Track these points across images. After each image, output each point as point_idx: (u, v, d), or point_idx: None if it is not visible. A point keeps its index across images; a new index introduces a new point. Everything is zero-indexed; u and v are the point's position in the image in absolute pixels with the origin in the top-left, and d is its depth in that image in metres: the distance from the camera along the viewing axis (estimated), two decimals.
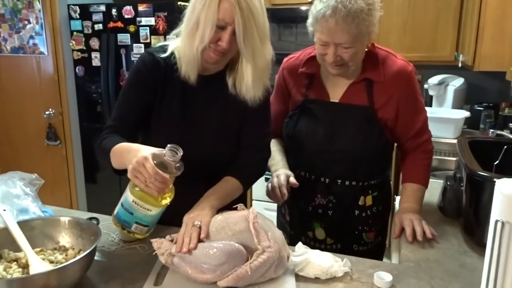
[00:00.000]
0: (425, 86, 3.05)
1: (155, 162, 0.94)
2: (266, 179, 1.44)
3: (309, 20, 1.27)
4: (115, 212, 1.07)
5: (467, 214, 1.20)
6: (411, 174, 1.39)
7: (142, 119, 1.22)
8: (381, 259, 1.49)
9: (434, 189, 1.53)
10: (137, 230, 1.04)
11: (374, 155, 1.36)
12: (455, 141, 2.38)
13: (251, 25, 1.07)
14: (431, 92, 2.96)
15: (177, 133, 1.20)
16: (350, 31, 1.17)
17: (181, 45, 1.14)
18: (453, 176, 1.33)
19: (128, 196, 1.01)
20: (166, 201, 1.01)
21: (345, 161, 1.35)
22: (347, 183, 1.38)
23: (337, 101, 1.36)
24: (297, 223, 1.49)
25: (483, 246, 1.13)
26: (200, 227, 0.99)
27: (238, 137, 1.27)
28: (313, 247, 1.10)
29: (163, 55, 1.18)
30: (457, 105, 2.89)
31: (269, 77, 1.21)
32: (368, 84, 1.33)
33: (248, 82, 1.14)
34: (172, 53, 1.18)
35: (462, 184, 1.23)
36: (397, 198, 1.45)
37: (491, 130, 2.57)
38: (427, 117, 1.42)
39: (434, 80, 2.92)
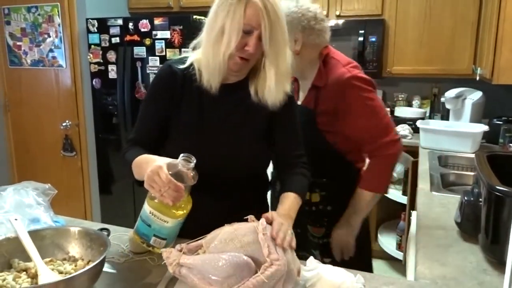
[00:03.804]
0: (442, 99, 3.00)
1: (170, 172, 0.96)
2: None
3: None
4: (136, 226, 1.07)
5: (486, 230, 1.16)
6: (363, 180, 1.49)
7: (162, 130, 1.22)
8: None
9: (451, 204, 1.49)
10: (156, 243, 1.04)
11: (314, 155, 1.36)
12: (472, 155, 2.33)
13: (276, 29, 1.08)
14: (448, 106, 2.92)
15: (195, 144, 1.20)
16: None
17: (204, 54, 1.14)
18: (471, 191, 1.29)
19: (145, 207, 1.02)
20: (182, 212, 1.02)
21: None
22: None
23: (300, 103, 1.54)
24: None
25: (503, 264, 1.09)
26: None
27: (266, 148, 1.27)
28: None
29: (181, 66, 1.20)
30: (475, 119, 2.84)
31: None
32: (316, 89, 1.48)
33: (271, 85, 1.14)
34: (191, 65, 1.19)
35: (480, 200, 1.19)
36: None
37: (511, 145, 2.50)
38: (383, 120, 1.45)
39: (451, 93, 2.87)
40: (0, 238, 1.03)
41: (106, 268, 1.08)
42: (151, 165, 0.98)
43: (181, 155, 0.99)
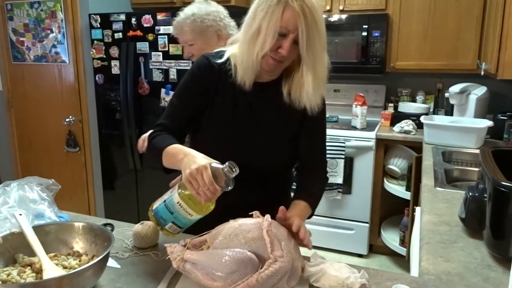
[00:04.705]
0: (446, 94, 2.99)
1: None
2: None
3: None
4: (155, 207, 1.10)
5: (491, 226, 1.15)
6: None
7: (192, 120, 1.24)
8: None
9: (456, 199, 1.49)
10: (171, 229, 1.08)
11: None
12: (477, 151, 2.32)
13: (313, 34, 1.08)
14: (452, 101, 2.90)
15: (227, 137, 1.22)
16: (185, 29, 1.62)
17: (240, 51, 1.16)
18: (475, 187, 1.28)
19: (174, 197, 1.04)
20: (209, 210, 1.04)
21: None
22: None
23: None
24: None
25: (508, 260, 1.08)
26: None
27: (294, 148, 1.28)
28: None
29: (219, 61, 1.21)
30: (479, 114, 2.82)
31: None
32: None
33: (309, 90, 1.15)
34: (228, 59, 1.21)
35: (485, 195, 1.18)
36: None
37: None
38: None
39: (455, 88, 2.85)
40: (4, 233, 1.04)
41: (110, 263, 1.08)
42: (192, 161, 0.99)
43: (228, 162, 1.00)
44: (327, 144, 3.23)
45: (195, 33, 1.60)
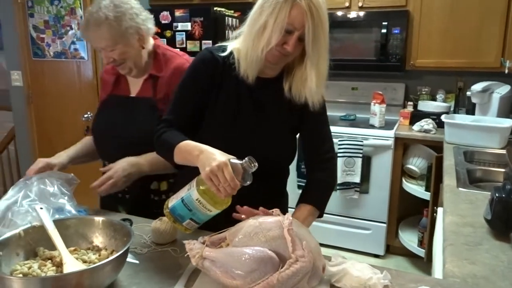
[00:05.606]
0: (468, 93, 2.92)
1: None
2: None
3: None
4: (170, 205, 1.09)
5: None
6: None
7: (197, 114, 1.24)
8: None
9: (479, 200, 1.44)
10: (189, 226, 1.08)
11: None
12: (500, 151, 2.26)
13: (319, 32, 1.10)
14: (474, 100, 2.83)
15: (230, 132, 1.22)
16: (102, 36, 1.39)
17: (244, 45, 1.17)
18: (502, 187, 1.24)
19: (193, 194, 1.04)
20: (227, 205, 1.05)
21: (132, 146, 1.45)
22: None
23: (134, 95, 1.55)
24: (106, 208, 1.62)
25: None
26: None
27: (294, 142, 1.30)
28: None
29: (222, 54, 1.22)
30: (502, 114, 2.75)
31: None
32: (154, 79, 1.50)
33: (312, 86, 1.17)
34: (231, 53, 1.21)
35: None
36: None
37: None
38: None
39: (477, 87, 2.79)
40: (25, 227, 1.05)
41: (129, 258, 1.08)
42: (209, 157, 1.00)
43: (247, 157, 1.01)
44: (345, 142, 3.19)
45: (114, 38, 1.41)
